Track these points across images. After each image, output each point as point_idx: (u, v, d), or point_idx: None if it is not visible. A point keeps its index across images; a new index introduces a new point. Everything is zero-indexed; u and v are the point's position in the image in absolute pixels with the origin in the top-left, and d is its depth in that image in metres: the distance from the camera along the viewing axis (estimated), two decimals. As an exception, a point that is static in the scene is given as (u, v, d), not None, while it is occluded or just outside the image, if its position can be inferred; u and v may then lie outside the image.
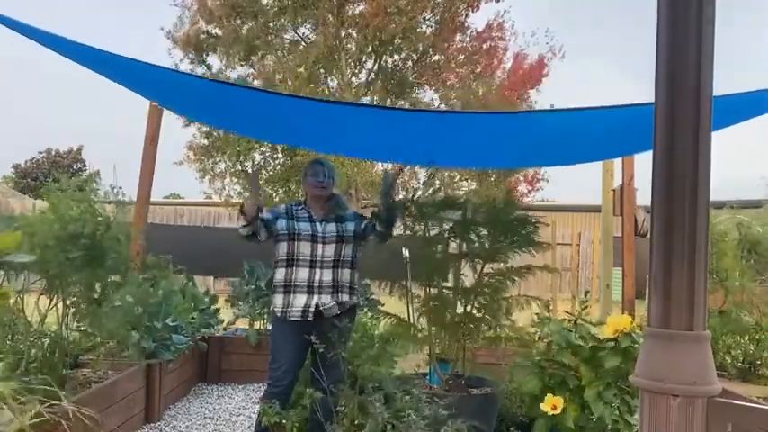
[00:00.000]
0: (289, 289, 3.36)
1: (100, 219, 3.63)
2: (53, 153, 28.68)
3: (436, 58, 15.88)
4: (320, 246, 3.38)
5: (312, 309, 3.33)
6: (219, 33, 15.28)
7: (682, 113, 1.51)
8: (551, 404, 3.26)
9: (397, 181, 3.52)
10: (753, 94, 3.36)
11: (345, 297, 3.43)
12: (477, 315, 3.94)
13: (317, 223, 3.43)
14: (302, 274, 3.36)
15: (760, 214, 5.47)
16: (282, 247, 3.41)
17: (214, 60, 15.37)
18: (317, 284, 3.35)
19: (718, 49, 1.52)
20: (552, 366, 3.45)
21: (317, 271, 3.36)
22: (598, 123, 3.82)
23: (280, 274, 3.40)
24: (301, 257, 3.37)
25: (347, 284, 3.44)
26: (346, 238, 3.45)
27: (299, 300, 3.34)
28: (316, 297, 3.34)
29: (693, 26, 1.50)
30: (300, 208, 3.50)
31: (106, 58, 3.34)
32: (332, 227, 3.44)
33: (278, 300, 3.39)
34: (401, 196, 4.34)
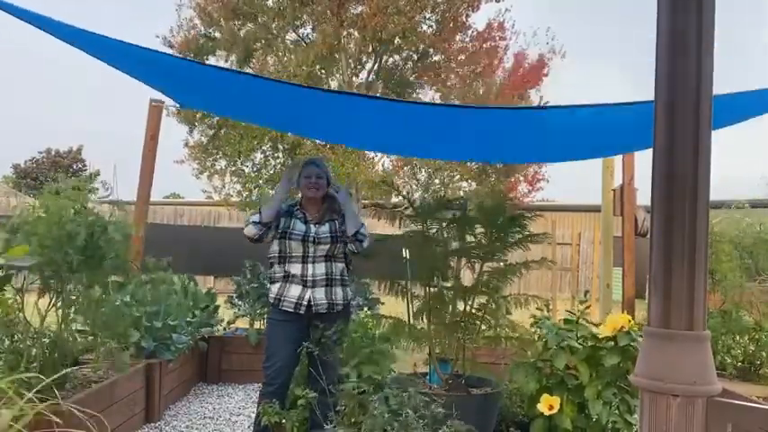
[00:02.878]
0: (286, 279, 3.42)
1: (94, 219, 3.60)
2: (53, 153, 28.67)
3: (437, 57, 15.86)
4: (311, 245, 3.41)
5: (305, 303, 3.37)
6: (218, 36, 15.27)
7: (682, 112, 1.51)
8: (548, 404, 3.24)
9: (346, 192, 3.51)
10: (755, 93, 3.35)
11: (339, 293, 3.47)
12: (477, 314, 3.94)
13: (311, 225, 3.44)
14: (295, 269, 3.40)
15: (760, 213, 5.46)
16: (275, 244, 3.45)
17: (213, 63, 15.37)
18: (310, 278, 3.39)
19: (718, 47, 1.51)
20: (549, 366, 3.44)
21: (310, 266, 3.41)
22: (599, 120, 3.82)
23: (276, 266, 3.46)
24: (294, 254, 3.41)
25: (339, 277, 3.49)
26: (340, 237, 3.47)
27: (294, 290, 3.39)
28: (309, 291, 3.38)
29: (693, 27, 1.50)
30: (296, 209, 3.50)
31: (113, 46, 3.32)
32: (326, 228, 3.46)
33: (274, 288, 3.46)
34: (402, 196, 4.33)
